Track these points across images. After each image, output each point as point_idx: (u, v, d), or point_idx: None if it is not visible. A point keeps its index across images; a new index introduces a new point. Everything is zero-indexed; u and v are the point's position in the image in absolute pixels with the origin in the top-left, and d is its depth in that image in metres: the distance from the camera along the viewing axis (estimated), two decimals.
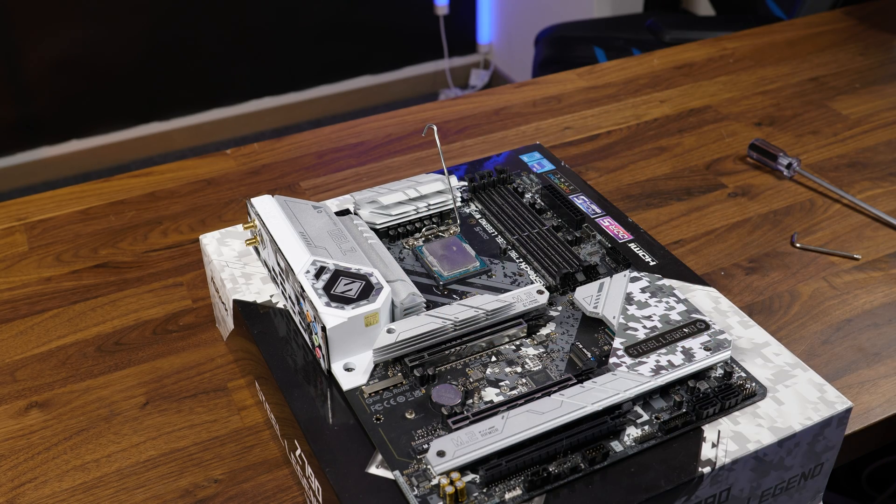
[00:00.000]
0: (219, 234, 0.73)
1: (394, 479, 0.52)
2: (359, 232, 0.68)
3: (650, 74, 1.19)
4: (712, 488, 0.54)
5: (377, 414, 0.56)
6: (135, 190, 0.96)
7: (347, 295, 0.59)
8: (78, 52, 2.26)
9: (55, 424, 0.68)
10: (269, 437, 0.66)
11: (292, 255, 0.62)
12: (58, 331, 0.77)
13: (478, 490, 0.51)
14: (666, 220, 0.90)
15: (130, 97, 2.40)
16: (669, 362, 0.57)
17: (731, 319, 0.64)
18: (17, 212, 0.92)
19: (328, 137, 1.06)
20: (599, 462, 0.53)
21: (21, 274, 0.84)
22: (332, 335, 0.57)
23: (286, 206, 0.68)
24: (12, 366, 0.73)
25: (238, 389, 0.70)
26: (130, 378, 0.72)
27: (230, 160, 1.01)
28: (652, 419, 0.56)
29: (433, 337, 0.59)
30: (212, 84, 2.49)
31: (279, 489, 0.62)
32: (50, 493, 0.62)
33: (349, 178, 0.98)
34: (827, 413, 0.57)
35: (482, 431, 0.52)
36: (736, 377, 0.59)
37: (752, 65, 1.22)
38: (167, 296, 0.81)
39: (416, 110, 1.11)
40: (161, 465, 0.64)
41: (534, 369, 0.59)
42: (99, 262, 0.85)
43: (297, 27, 2.49)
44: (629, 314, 0.62)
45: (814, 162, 1.00)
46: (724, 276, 0.82)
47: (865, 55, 1.24)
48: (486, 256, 0.70)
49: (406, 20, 2.66)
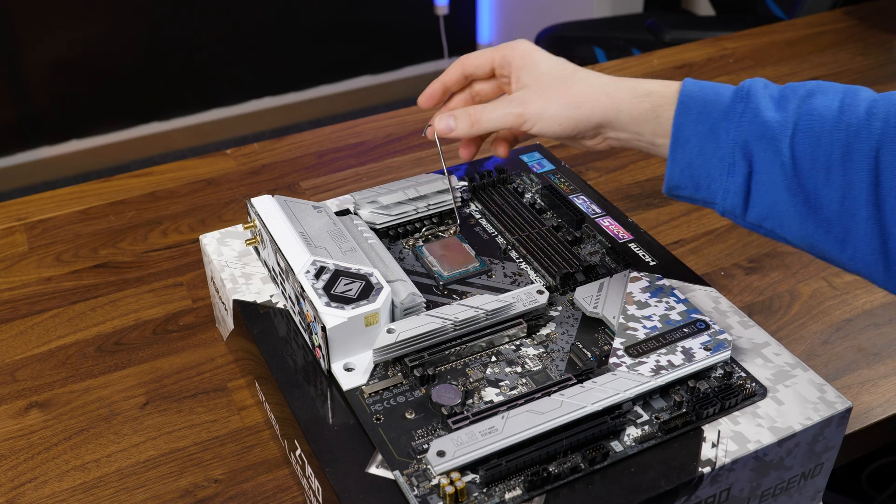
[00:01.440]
0: (219, 234, 0.73)
1: (394, 479, 0.52)
2: (359, 232, 0.68)
3: (650, 74, 1.19)
4: (712, 488, 0.54)
5: (377, 414, 0.56)
6: (135, 190, 0.96)
7: (347, 295, 0.59)
8: (78, 52, 2.26)
9: (55, 424, 0.68)
10: (269, 437, 0.66)
11: (292, 255, 0.62)
12: (58, 331, 0.77)
13: (478, 490, 0.51)
14: (666, 220, 0.90)
15: (130, 97, 2.40)
16: (669, 362, 0.57)
17: (731, 319, 0.64)
18: (17, 212, 0.92)
19: (328, 137, 1.06)
20: (599, 462, 0.53)
21: (21, 274, 0.84)
22: (332, 335, 0.57)
23: (286, 206, 0.68)
24: (12, 366, 0.73)
25: (238, 389, 0.70)
26: (130, 378, 0.72)
27: (230, 160, 1.01)
28: (652, 419, 0.56)
29: (433, 337, 0.59)
30: (212, 84, 2.49)
31: (279, 489, 0.62)
32: (50, 493, 0.62)
33: (349, 178, 0.98)
34: (827, 413, 0.57)
35: (482, 431, 0.52)
36: (736, 377, 0.59)
37: (752, 65, 1.22)
38: (167, 296, 0.81)
39: (416, 110, 1.11)
40: (161, 465, 0.64)
41: (534, 369, 0.59)
42: (99, 262, 0.85)
43: (297, 27, 2.49)
44: (629, 314, 0.61)
45: None
46: (724, 276, 0.82)
47: (865, 55, 1.24)
48: (486, 256, 0.70)
49: (406, 20, 2.66)
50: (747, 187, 0.54)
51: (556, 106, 0.58)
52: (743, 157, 0.53)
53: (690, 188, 0.56)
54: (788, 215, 0.53)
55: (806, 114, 0.52)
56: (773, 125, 0.52)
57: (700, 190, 0.56)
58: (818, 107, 0.52)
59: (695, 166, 0.55)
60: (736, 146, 0.53)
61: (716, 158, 0.54)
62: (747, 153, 0.53)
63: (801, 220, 0.53)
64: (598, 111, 0.57)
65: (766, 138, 0.53)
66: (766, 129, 0.53)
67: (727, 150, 0.54)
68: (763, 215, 0.54)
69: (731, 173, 0.54)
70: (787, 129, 0.52)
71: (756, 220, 0.55)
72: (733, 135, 0.53)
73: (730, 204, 0.55)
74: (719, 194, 0.55)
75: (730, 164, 0.54)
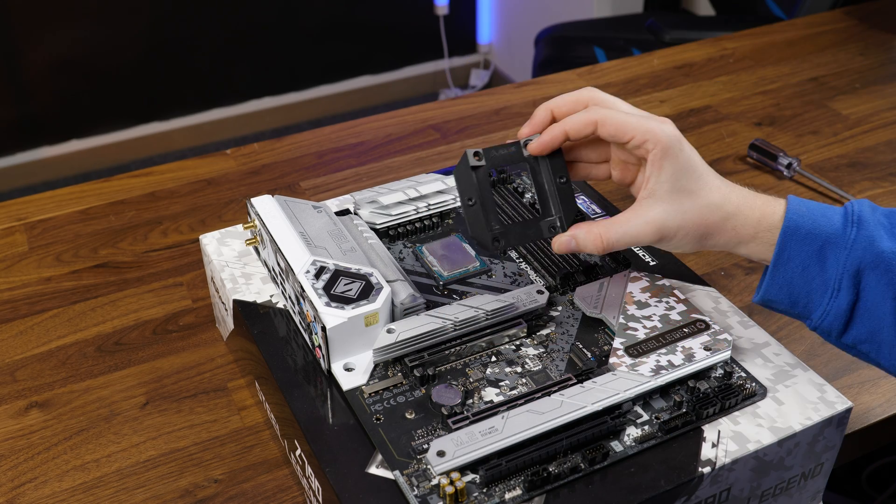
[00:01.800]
0: (219, 234, 0.73)
1: (394, 479, 0.52)
2: (359, 232, 0.68)
3: (650, 74, 1.19)
4: (712, 488, 0.54)
5: (377, 414, 0.56)
6: (135, 190, 0.96)
7: (347, 295, 0.59)
8: (78, 52, 2.26)
9: (55, 424, 0.68)
10: (269, 437, 0.66)
11: (292, 255, 0.62)
12: (58, 331, 0.77)
13: (478, 490, 0.51)
14: None
15: (130, 97, 2.40)
16: (669, 362, 0.57)
17: (731, 319, 0.64)
18: (17, 212, 0.92)
19: (328, 137, 1.06)
20: (599, 462, 0.53)
21: (21, 274, 0.84)
22: (332, 335, 0.57)
23: (286, 206, 0.68)
24: (12, 366, 0.73)
25: (238, 389, 0.70)
26: (130, 378, 0.72)
27: (230, 160, 1.01)
28: (652, 419, 0.56)
29: (433, 337, 0.59)
30: (212, 84, 2.49)
31: (279, 489, 0.62)
32: (50, 493, 0.62)
33: (349, 178, 0.98)
34: (827, 413, 0.57)
35: (482, 431, 0.52)
36: (736, 377, 0.59)
37: (752, 65, 1.22)
38: (167, 296, 0.81)
39: (416, 110, 1.11)
40: (161, 465, 0.64)
41: (534, 369, 0.59)
42: (99, 262, 0.85)
43: (297, 27, 2.49)
44: (629, 314, 0.61)
45: (814, 162, 1.00)
46: (724, 276, 0.82)
47: (865, 55, 1.24)
48: (486, 256, 0.70)
49: (406, 20, 2.66)
50: (850, 313, 0.55)
51: (692, 237, 0.57)
52: (852, 284, 0.54)
53: (786, 304, 0.57)
54: (890, 343, 0.54)
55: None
56: (889, 255, 0.53)
57: (797, 307, 0.57)
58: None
59: (795, 285, 0.56)
60: (846, 273, 0.54)
61: (819, 280, 0.55)
62: (857, 281, 0.54)
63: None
64: (722, 243, 0.58)
65: (880, 269, 0.53)
66: (882, 259, 0.53)
67: (834, 274, 0.54)
68: (861, 339, 0.55)
69: (835, 297, 0.55)
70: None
71: (853, 342, 0.56)
72: (843, 261, 0.54)
73: (827, 325, 0.56)
74: (817, 314, 0.56)
75: (835, 290, 0.54)
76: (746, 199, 0.57)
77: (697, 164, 0.57)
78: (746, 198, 0.57)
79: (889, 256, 0.53)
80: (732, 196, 0.57)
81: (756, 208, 0.57)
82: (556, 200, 0.60)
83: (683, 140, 0.57)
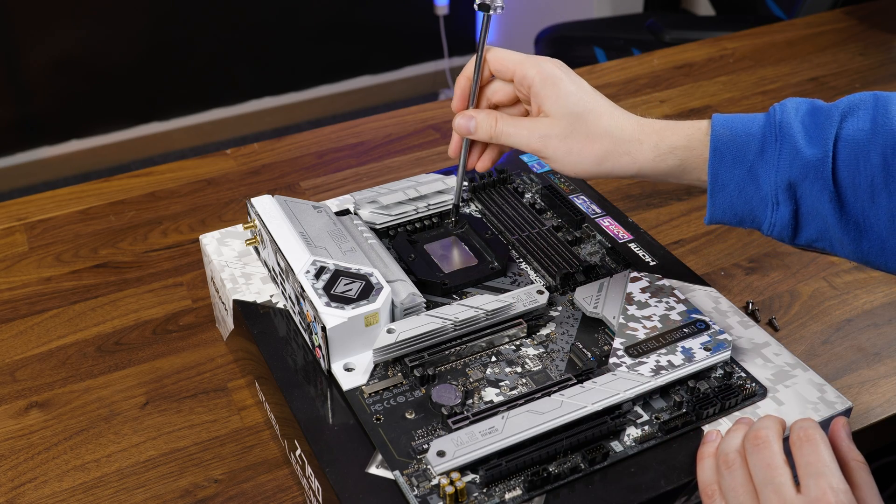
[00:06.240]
0: (219, 234, 0.73)
1: (394, 479, 0.52)
2: (359, 232, 0.68)
3: (650, 74, 1.19)
4: None
5: (377, 414, 0.56)
6: (135, 190, 0.96)
7: (347, 295, 0.59)
8: (78, 52, 2.26)
9: (55, 424, 0.68)
10: (269, 437, 0.66)
11: (292, 255, 0.62)
12: (58, 331, 0.77)
13: (478, 490, 0.51)
14: (666, 220, 0.90)
15: (130, 97, 2.40)
16: (669, 362, 0.57)
17: (731, 319, 0.64)
18: (17, 212, 0.92)
19: (328, 137, 1.06)
20: (599, 462, 0.53)
21: (21, 274, 0.84)
22: (332, 335, 0.57)
23: (286, 206, 0.68)
24: (12, 366, 0.73)
25: (238, 389, 0.70)
26: (130, 378, 0.72)
27: (230, 160, 1.01)
28: (652, 419, 0.56)
29: (433, 337, 0.59)
30: (212, 84, 2.49)
31: (279, 489, 0.62)
32: (50, 493, 0.62)
33: (349, 178, 0.98)
34: (827, 413, 0.57)
35: (482, 431, 0.52)
36: (736, 377, 0.59)
37: (752, 65, 1.22)
38: (167, 296, 0.81)
39: (416, 110, 1.11)
40: (161, 465, 0.64)
41: (534, 369, 0.59)
42: (99, 262, 0.85)
43: (297, 27, 2.49)
44: (629, 314, 0.61)
45: None
46: (724, 276, 0.82)
47: (865, 55, 1.24)
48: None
49: (406, 20, 2.66)
50: (795, 220, 0.55)
51: (577, 158, 0.58)
52: (788, 196, 0.55)
53: (734, 222, 0.58)
54: (840, 239, 0.55)
55: (842, 142, 0.53)
56: (813, 162, 0.53)
57: (744, 223, 0.58)
58: (851, 131, 0.53)
59: (736, 206, 0.57)
60: (779, 187, 0.54)
61: (757, 198, 0.56)
62: (791, 192, 0.54)
63: (854, 243, 0.54)
64: (620, 169, 0.58)
65: (809, 177, 0.53)
66: (808, 167, 0.53)
67: (769, 190, 0.55)
68: (813, 238, 0.56)
69: (776, 210, 0.55)
70: (826, 163, 0.53)
71: (806, 243, 0.57)
72: (774, 178, 0.54)
73: (777, 233, 0.56)
74: (765, 226, 0.56)
75: (773, 203, 0.55)
76: (663, 137, 0.58)
77: (584, 95, 0.59)
78: (662, 136, 0.58)
79: (815, 163, 0.53)
80: (626, 124, 0.58)
81: (677, 147, 0.57)
82: (489, 250, 0.69)
83: (568, 74, 0.59)
